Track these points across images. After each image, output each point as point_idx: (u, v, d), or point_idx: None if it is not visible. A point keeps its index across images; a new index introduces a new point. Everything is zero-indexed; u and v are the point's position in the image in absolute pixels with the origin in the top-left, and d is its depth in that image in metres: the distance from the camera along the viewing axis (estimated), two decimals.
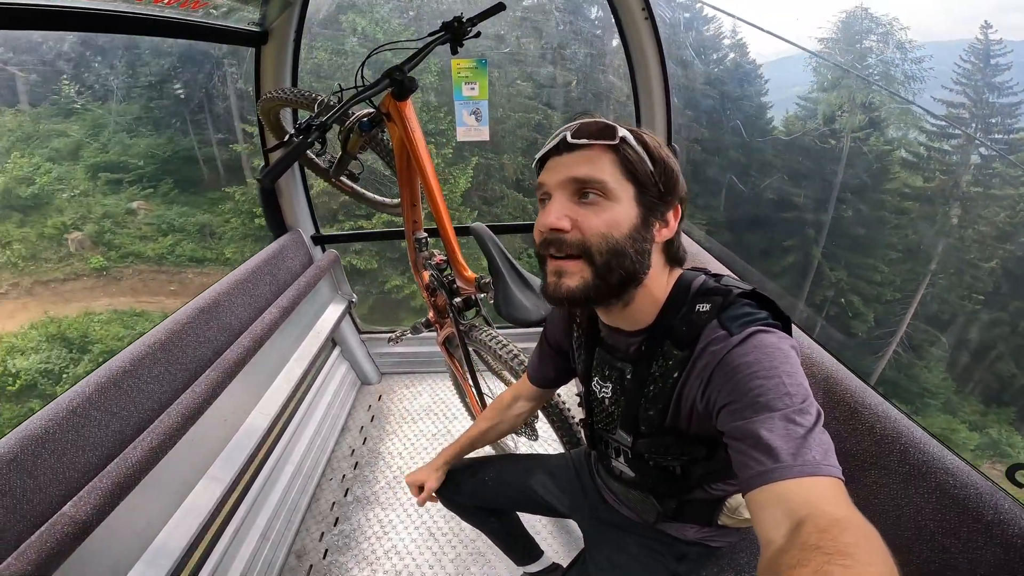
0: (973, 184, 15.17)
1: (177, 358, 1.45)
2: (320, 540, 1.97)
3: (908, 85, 16.45)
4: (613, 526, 1.17)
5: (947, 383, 13.88)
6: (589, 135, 0.78)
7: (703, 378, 0.76)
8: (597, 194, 0.77)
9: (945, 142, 15.84)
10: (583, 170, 0.77)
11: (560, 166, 0.80)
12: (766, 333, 0.73)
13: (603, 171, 0.77)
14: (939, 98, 16.30)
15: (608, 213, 0.77)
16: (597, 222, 0.77)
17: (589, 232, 0.77)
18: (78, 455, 1.13)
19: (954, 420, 13.26)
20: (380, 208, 2.10)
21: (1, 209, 14.69)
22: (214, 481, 1.49)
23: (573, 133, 0.79)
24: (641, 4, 1.94)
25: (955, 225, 14.64)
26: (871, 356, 14.70)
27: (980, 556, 0.80)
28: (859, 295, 15.06)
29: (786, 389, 0.66)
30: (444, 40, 1.43)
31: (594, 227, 0.77)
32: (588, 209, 0.77)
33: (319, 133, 1.23)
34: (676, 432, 0.86)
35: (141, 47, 16.07)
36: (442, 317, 1.93)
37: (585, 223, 0.77)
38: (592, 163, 0.77)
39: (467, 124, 2.22)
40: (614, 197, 0.77)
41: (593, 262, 0.77)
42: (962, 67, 15.99)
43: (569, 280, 0.79)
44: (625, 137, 0.77)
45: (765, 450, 0.62)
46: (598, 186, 0.77)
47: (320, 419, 2.41)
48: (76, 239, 14.99)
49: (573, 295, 0.79)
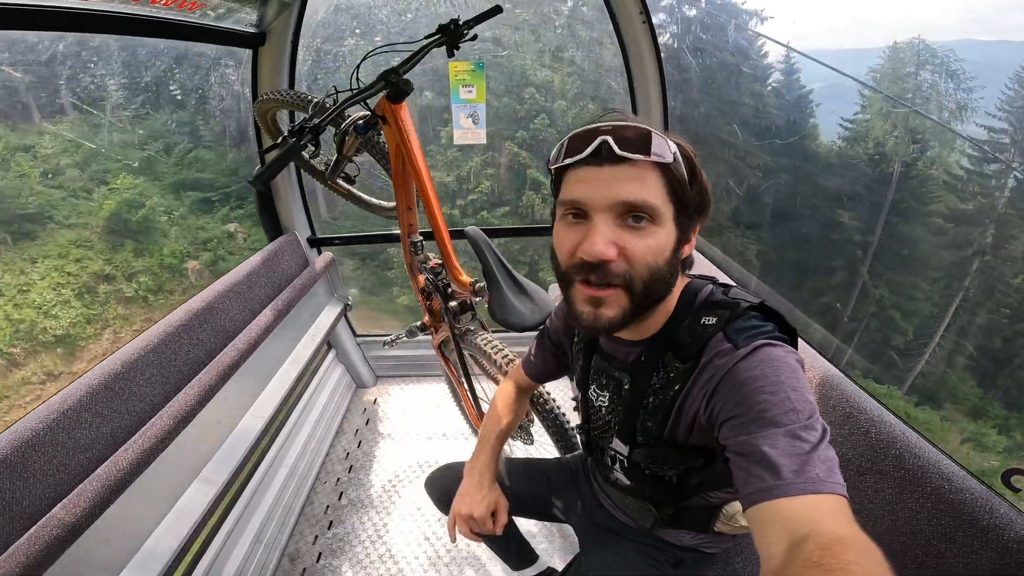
0: (1008, 206, 15.65)
1: (170, 360, 1.44)
2: (314, 543, 1.96)
3: (959, 114, 16.97)
4: (609, 531, 1.17)
5: (974, 390, 14.22)
6: (637, 147, 0.69)
7: (707, 390, 0.75)
8: (648, 219, 0.71)
9: (985, 166, 16.32)
10: (634, 191, 0.69)
11: (601, 181, 0.71)
12: (773, 347, 0.72)
13: (654, 194, 0.70)
14: (981, 124, 16.83)
15: (654, 239, 0.71)
16: (644, 251, 0.71)
17: (636, 262, 0.71)
18: (69, 457, 1.12)
19: (985, 424, 13.57)
20: (376, 211, 2.10)
21: (114, 235, 14.30)
22: (207, 484, 1.48)
23: (619, 142, 0.69)
24: (639, 8, 1.94)
25: (989, 244, 15.09)
26: (906, 365, 15.20)
27: (975, 561, 0.80)
28: (899, 310, 15.57)
29: (792, 404, 0.65)
30: (441, 43, 1.43)
31: (640, 256, 0.71)
32: (635, 235, 0.71)
33: (312, 135, 1.23)
34: (674, 443, 0.85)
35: (183, 50, 15.55)
36: (437, 321, 1.92)
37: (632, 251, 0.71)
38: (643, 183, 0.70)
39: (464, 127, 2.22)
40: (661, 221, 0.71)
41: (633, 291, 0.73)
42: (1006, 94, 16.45)
43: (608, 311, 0.74)
44: (676, 154, 0.72)
45: (768, 466, 0.61)
46: (650, 211, 0.70)
47: (315, 422, 2.40)
48: (195, 268, 14.55)
49: (613, 326, 0.75)
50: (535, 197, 15.34)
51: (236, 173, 15.42)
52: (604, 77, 15.58)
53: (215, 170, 15.50)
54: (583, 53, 16.04)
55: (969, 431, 13.47)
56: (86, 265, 13.84)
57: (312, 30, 12.15)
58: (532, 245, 12.72)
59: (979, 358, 14.23)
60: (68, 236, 13.98)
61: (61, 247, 13.77)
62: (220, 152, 16.01)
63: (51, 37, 13.82)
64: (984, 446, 13.15)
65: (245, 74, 15.26)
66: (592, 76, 16.01)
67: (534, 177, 15.34)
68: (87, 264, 13.86)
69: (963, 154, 16.60)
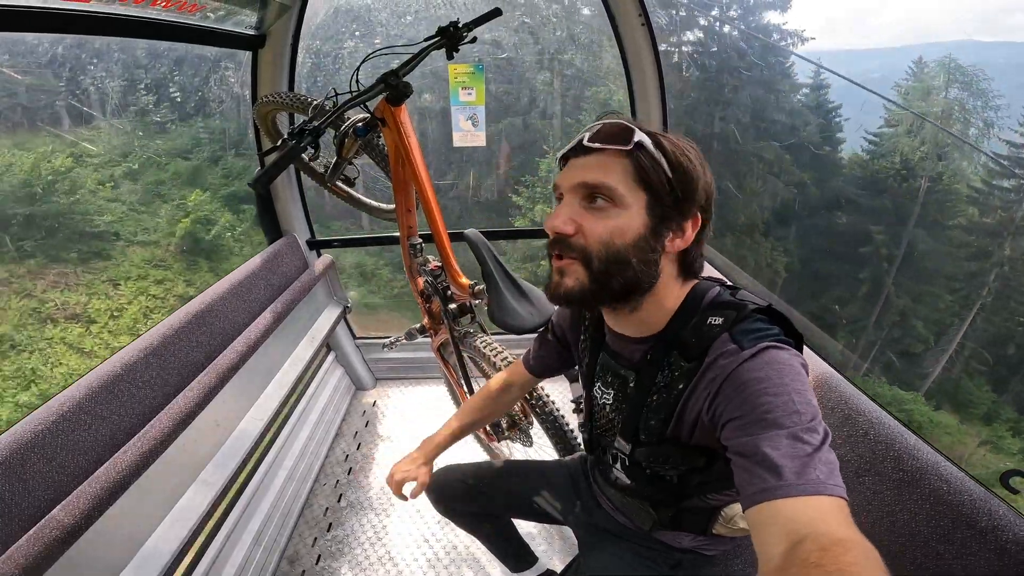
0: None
1: (169, 363, 1.44)
2: (313, 545, 1.96)
3: (985, 131, 17.44)
4: (608, 533, 1.17)
5: (988, 394, 14.46)
6: (605, 138, 0.78)
7: (711, 391, 0.75)
8: (606, 200, 0.77)
9: (1005, 180, 16.68)
10: (593, 175, 0.77)
11: (575, 168, 0.80)
12: (778, 349, 0.73)
13: (613, 177, 0.76)
14: (1004, 139, 17.26)
15: (614, 220, 0.76)
16: (600, 229, 0.77)
17: (591, 238, 0.77)
18: (68, 459, 1.12)
19: (1000, 428, 13.80)
20: (375, 213, 2.10)
21: (187, 254, 13.92)
22: (206, 486, 1.48)
23: (591, 136, 0.79)
24: (637, 9, 1.95)
25: (1007, 256, 15.41)
26: (925, 372, 15.51)
27: (974, 562, 0.80)
28: (921, 320, 15.89)
29: (795, 407, 0.66)
30: (440, 45, 1.43)
31: (596, 233, 0.77)
32: (594, 215, 0.78)
33: (312, 137, 1.23)
34: (676, 442, 0.86)
35: (217, 54, 14.89)
36: (437, 323, 1.92)
37: (589, 229, 0.77)
38: (604, 168, 0.77)
39: (463, 129, 2.22)
40: (623, 204, 0.76)
41: (591, 267, 0.77)
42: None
43: (568, 279, 0.80)
44: (641, 142, 0.76)
45: (769, 467, 0.62)
46: (606, 192, 0.76)
47: (314, 424, 2.40)
48: None
49: (570, 295, 0.80)
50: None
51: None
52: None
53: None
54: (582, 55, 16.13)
55: (984, 435, 13.70)
56: (168, 287, 13.57)
57: (311, 32, 12.17)
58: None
59: (994, 364, 14.50)
60: (141, 255, 13.63)
61: (139, 268, 13.45)
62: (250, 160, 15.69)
63: (73, 41, 13.52)
64: (1000, 448, 13.37)
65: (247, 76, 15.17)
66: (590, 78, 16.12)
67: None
68: (169, 286, 13.60)
69: (985, 168, 16.99)
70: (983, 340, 14.82)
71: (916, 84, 18.18)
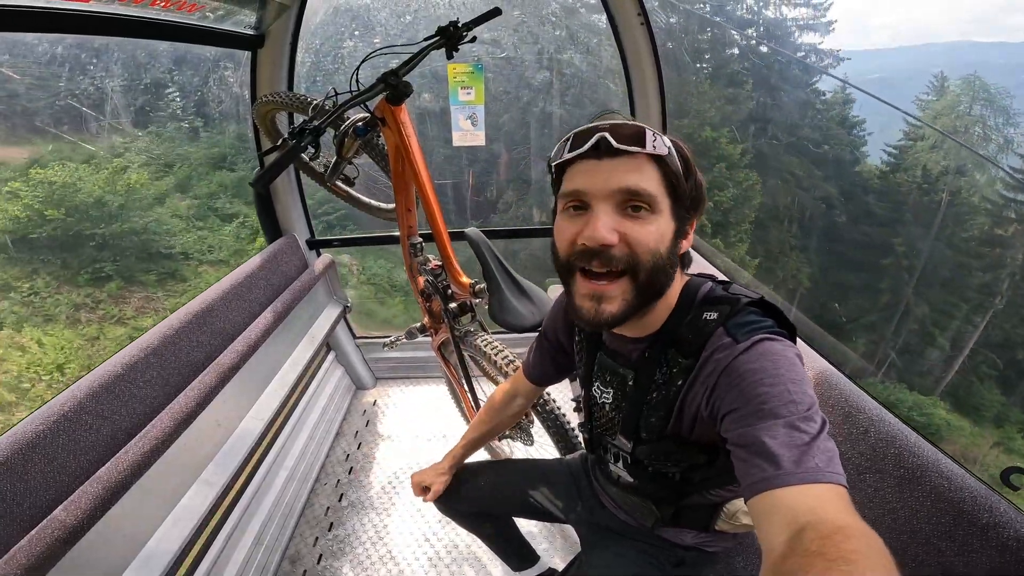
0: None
1: (170, 363, 1.44)
2: (314, 545, 1.96)
3: (1005, 147, 17.94)
4: (610, 531, 1.17)
5: (998, 397, 14.71)
6: (634, 141, 0.72)
7: (708, 385, 0.76)
8: (646, 208, 0.73)
9: (1020, 194, 16.95)
10: (633, 180, 0.72)
11: (601, 172, 0.74)
12: (772, 341, 0.73)
13: (652, 183, 0.73)
14: (1021, 153, 17.69)
15: (655, 227, 0.74)
16: (646, 237, 0.73)
17: (640, 247, 0.73)
18: (70, 459, 1.12)
19: (1011, 429, 14.05)
20: (375, 213, 2.10)
21: None
22: (207, 485, 1.48)
23: (617, 137, 0.72)
24: (637, 8, 1.94)
25: (1020, 265, 15.75)
26: (940, 376, 15.83)
27: (975, 559, 0.80)
28: (939, 328, 16.21)
29: (791, 397, 0.66)
30: (440, 45, 1.43)
31: (644, 242, 0.73)
32: (637, 223, 0.73)
33: (312, 137, 1.23)
34: (677, 439, 0.86)
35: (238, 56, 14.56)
36: (437, 322, 1.92)
37: (635, 237, 0.73)
38: (641, 174, 0.73)
39: (463, 129, 2.22)
40: (659, 211, 0.74)
41: (637, 279, 0.74)
42: None
43: (610, 305, 0.76)
44: (671, 149, 0.74)
45: (768, 457, 0.62)
46: (648, 199, 0.73)
47: (315, 424, 2.40)
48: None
49: (615, 320, 0.77)
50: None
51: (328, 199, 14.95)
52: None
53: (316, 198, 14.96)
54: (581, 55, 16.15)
55: (996, 437, 13.90)
56: None
57: (311, 32, 12.13)
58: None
59: (1004, 368, 14.82)
60: (214, 275, 13.07)
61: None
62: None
63: (99, 43, 13.09)
64: (1011, 449, 13.56)
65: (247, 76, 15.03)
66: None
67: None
68: None
69: (1002, 183, 17.24)
70: (993, 344, 15.11)
71: (933, 99, 18.69)
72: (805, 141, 17.92)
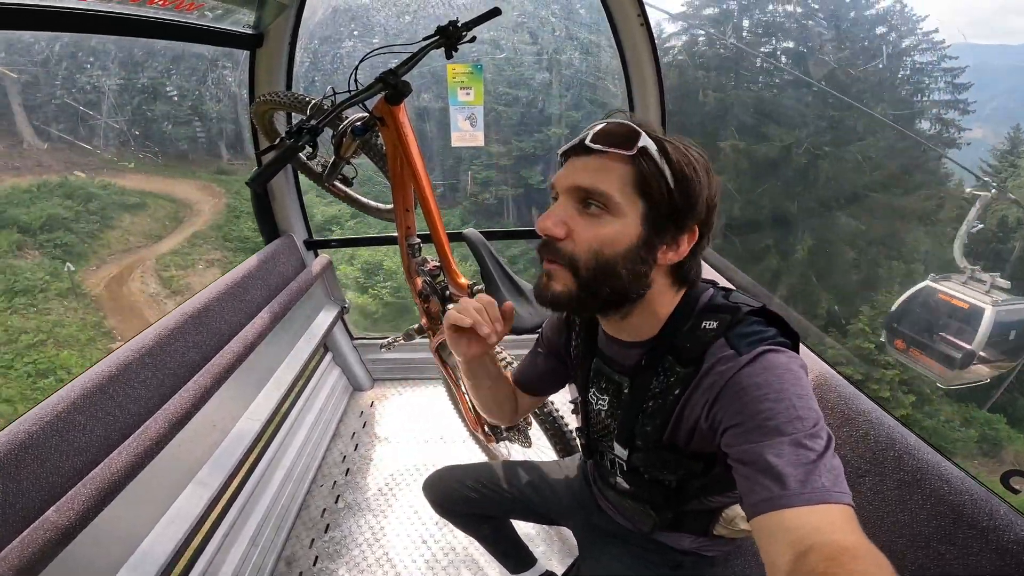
0: None
1: (165, 363, 1.43)
2: (310, 547, 1.95)
3: None
4: (608, 534, 1.16)
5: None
6: (607, 140, 0.73)
7: (709, 397, 0.74)
8: (599, 206, 0.73)
9: None
10: (589, 179, 0.73)
11: (573, 169, 0.76)
12: (776, 353, 0.71)
13: (611, 183, 0.72)
14: None
15: (606, 228, 0.73)
16: (590, 236, 0.74)
17: (580, 245, 0.74)
18: (62, 460, 1.11)
19: None
20: (373, 213, 2.09)
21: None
22: (202, 486, 1.47)
23: (593, 136, 0.74)
24: (636, 8, 1.94)
25: None
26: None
27: (976, 562, 0.80)
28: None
29: (796, 413, 0.64)
30: (439, 44, 1.43)
31: (586, 240, 0.74)
32: (587, 220, 0.74)
33: (310, 136, 1.22)
34: (673, 448, 0.85)
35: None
36: (435, 324, 1.92)
37: (579, 234, 0.74)
38: (602, 173, 0.73)
39: (462, 129, 2.22)
40: (618, 212, 0.73)
41: (578, 275, 0.75)
42: None
43: (555, 284, 0.77)
44: (646, 148, 0.72)
45: (773, 476, 0.60)
46: (601, 198, 0.73)
47: (311, 425, 2.39)
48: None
49: (557, 300, 0.78)
50: None
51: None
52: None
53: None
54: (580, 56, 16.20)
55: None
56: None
57: (309, 31, 12.07)
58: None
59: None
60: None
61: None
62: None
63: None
64: None
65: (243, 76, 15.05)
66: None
67: None
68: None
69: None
70: None
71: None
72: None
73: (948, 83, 18.30)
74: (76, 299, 12.55)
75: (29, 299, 11.99)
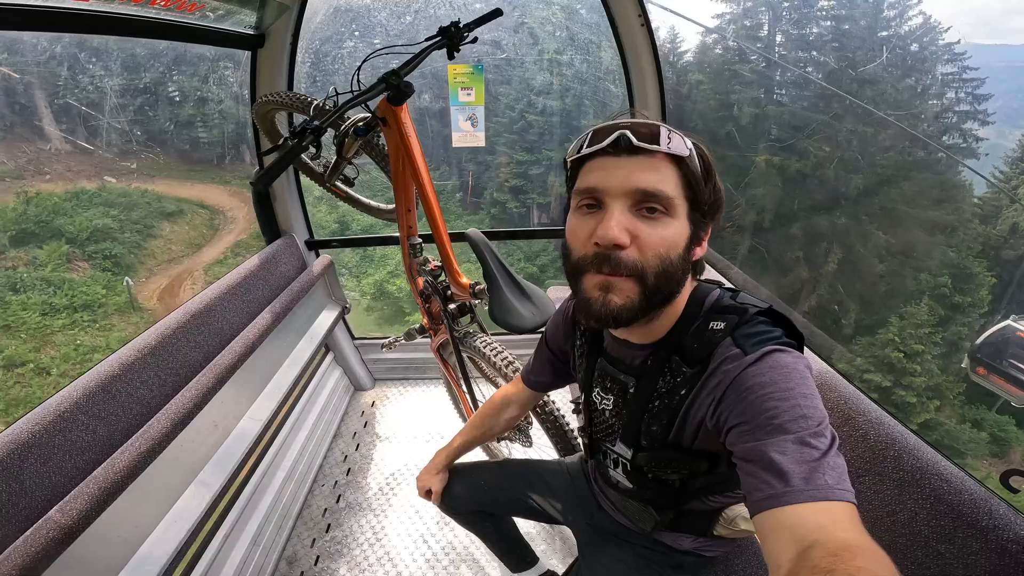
0: None
1: (167, 363, 1.43)
2: (312, 546, 1.95)
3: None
4: (609, 534, 1.16)
5: None
6: (654, 139, 0.70)
7: (715, 396, 0.74)
8: (662, 210, 0.71)
9: None
10: (650, 180, 0.70)
11: (617, 170, 0.72)
12: (782, 353, 0.71)
13: (668, 184, 0.71)
14: None
15: (668, 231, 0.72)
16: (657, 241, 0.71)
17: (648, 251, 0.71)
18: (65, 460, 1.11)
19: None
20: (375, 213, 2.10)
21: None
22: (204, 486, 1.47)
23: (637, 135, 0.71)
24: (637, 10, 1.94)
25: None
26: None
27: (975, 561, 0.80)
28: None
29: (801, 411, 0.65)
30: (441, 45, 1.43)
31: (653, 246, 0.71)
32: (649, 225, 0.71)
33: (313, 137, 1.22)
34: (678, 447, 0.85)
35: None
36: (436, 323, 1.92)
37: (645, 240, 0.71)
38: (659, 173, 0.71)
39: (463, 130, 2.22)
40: (675, 213, 0.72)
41: (645, 283, 0.72)
42: None
43: (616, 297, 0.72)
44: (692, 151, 0.72)
45: (777, 473, 0.61)
46: (665, 201, 0.71)
47: (312, 425, 2.39)
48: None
49: (619, 316, 0.73)
50: None
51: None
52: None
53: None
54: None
55: None
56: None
57: (311, 32, 12.05)
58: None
59: None
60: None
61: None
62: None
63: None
64: None
65: None
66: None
67: None
68: None
69: None
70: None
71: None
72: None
73: (968, 94, 18.30)
74: (136, 313, 12.54)
75: (90, 315, 11.93)
